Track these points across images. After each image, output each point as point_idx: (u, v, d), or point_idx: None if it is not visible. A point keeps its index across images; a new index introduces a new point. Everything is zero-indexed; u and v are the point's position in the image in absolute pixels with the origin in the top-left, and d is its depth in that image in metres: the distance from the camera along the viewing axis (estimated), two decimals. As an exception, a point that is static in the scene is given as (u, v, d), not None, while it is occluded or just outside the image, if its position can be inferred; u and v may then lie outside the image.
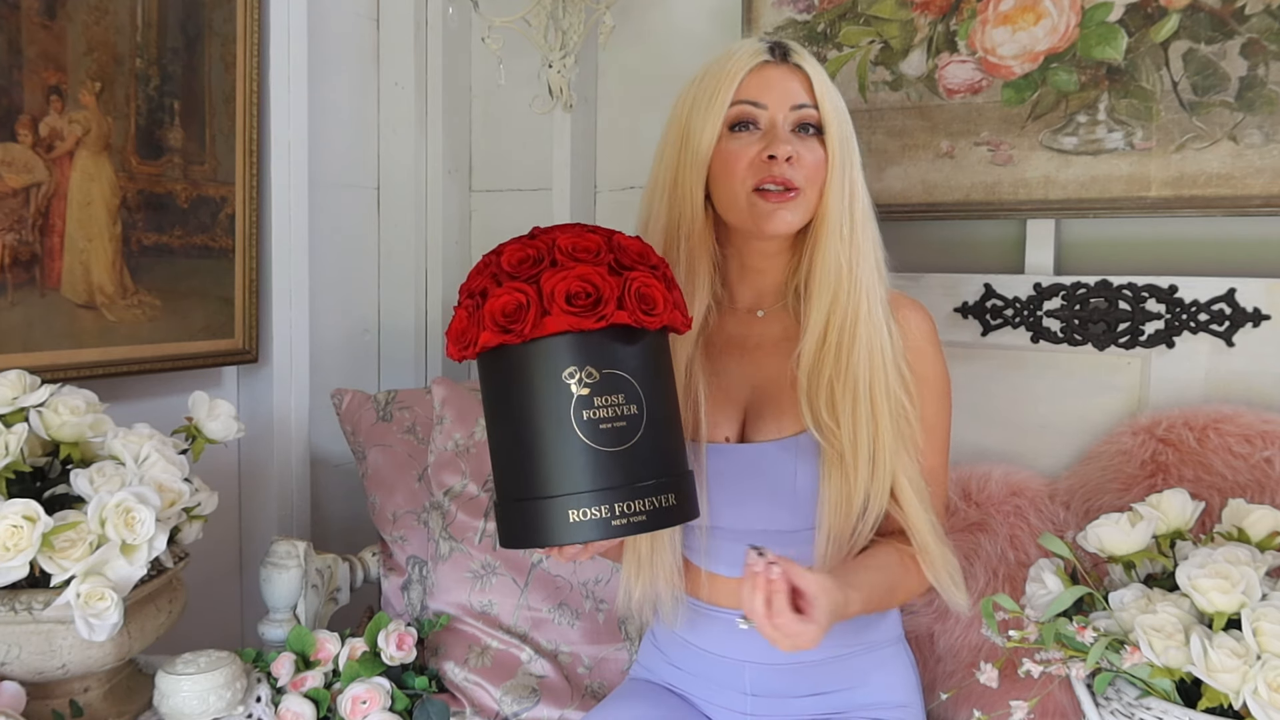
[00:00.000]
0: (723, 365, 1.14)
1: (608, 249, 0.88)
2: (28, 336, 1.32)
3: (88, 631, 1.02)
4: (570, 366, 0.84)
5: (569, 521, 0.84)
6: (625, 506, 0.84)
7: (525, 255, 0.87)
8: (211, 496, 1.26)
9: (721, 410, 1.12)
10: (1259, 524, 1.04)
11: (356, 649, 1.37)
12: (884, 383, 1.07)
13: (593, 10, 1.72)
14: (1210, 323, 1.38)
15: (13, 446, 1.07)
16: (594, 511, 0.84)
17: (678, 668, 1.20)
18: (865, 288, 1.07)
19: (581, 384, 0.84)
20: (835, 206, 1.07)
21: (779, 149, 1.05)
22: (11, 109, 1.28)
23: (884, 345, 1.08)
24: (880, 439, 1.06)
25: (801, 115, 1.07)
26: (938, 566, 1.08)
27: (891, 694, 1.15)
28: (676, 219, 1.11)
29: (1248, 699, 0.86)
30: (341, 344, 1.94)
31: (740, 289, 1.17)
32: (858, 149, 1.10)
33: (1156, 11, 1.39)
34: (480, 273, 0.90)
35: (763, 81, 1.07)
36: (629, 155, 1.91)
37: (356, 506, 1.86)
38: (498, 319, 0.84)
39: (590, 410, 0.84)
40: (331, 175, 1.87)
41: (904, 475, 1.08)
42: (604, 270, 0.85)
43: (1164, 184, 1.40)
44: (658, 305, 0.87)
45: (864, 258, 1.08)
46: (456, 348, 0.89)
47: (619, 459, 0.84)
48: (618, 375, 0.85)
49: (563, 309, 0.82)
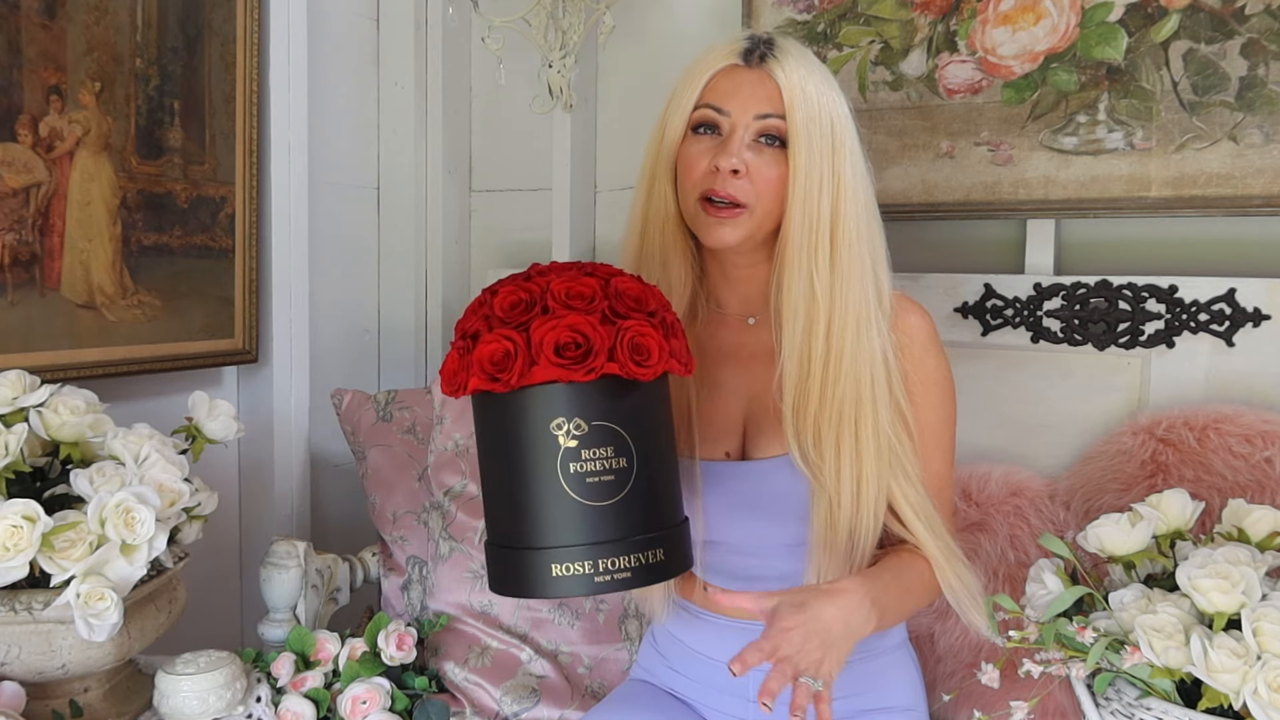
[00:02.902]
0: (719, 377, 1.12)
1: (603, 295, 0.84)
2: (27, 336, 1.32)
3: (88, 631, 1.02)
4: (559, 418, 0.81)
5: (551, 575, 0.81)
6: (610, 563, 0.81)
7: (518, 300, 0.84)
8: (211, 496, 1.26)
9: (720, 425, 1.10)
10: (1259, 524, 1.03)
11: (356, 649, 1.37)
12: (872, 419, 1.01)
13: (593, 10, 1.71)
14: (1210, 323, 1.38)
15: (13, 446, 1.07)
16: (577, 567, 0.81)
17: (678, 672, 1.19)
18: (855, 316, 1.01)
19: (569, 435, 0.81)
20: (800, 225, 1.00)
21: (724, 161, 0.99)
22: (11, 109, 1.28)
23: (876, 378, 1.02)
24: (864, 476, 1.02)
25: (764, 126, 1.00)
26: (953, 584, 1.05)
27: (897, 698, 1.15)
28: (653, 212, 1.10)
29: (1248, 699, 0.86)
30: (341, 344, 1.94)
31: (726, 295, 1.13)
32: (855, 159, 1.02)
33: (1157, 11, 1.39)
34: (474, 312, 0.87)
35: (731, 86, 1.02)
36: (629, 155, 1.91)
37: (356, 506, 1.86)
38: (485, 366, 0.82)
39: (577, 463, 0.81)
40: (331, 175, 1.87)
41: (904, 501, 1.04)
42: (596, 319, 0.82)
43: (1164, 184, 1.40)
44: (652, 355, 0.83)
45: (850, 283, 1.00)
46: (448, 387, 0.87)
47: (605, 514, 0.81)
48: (608, 428, 0.82)
49: (550, 360, 0.79)
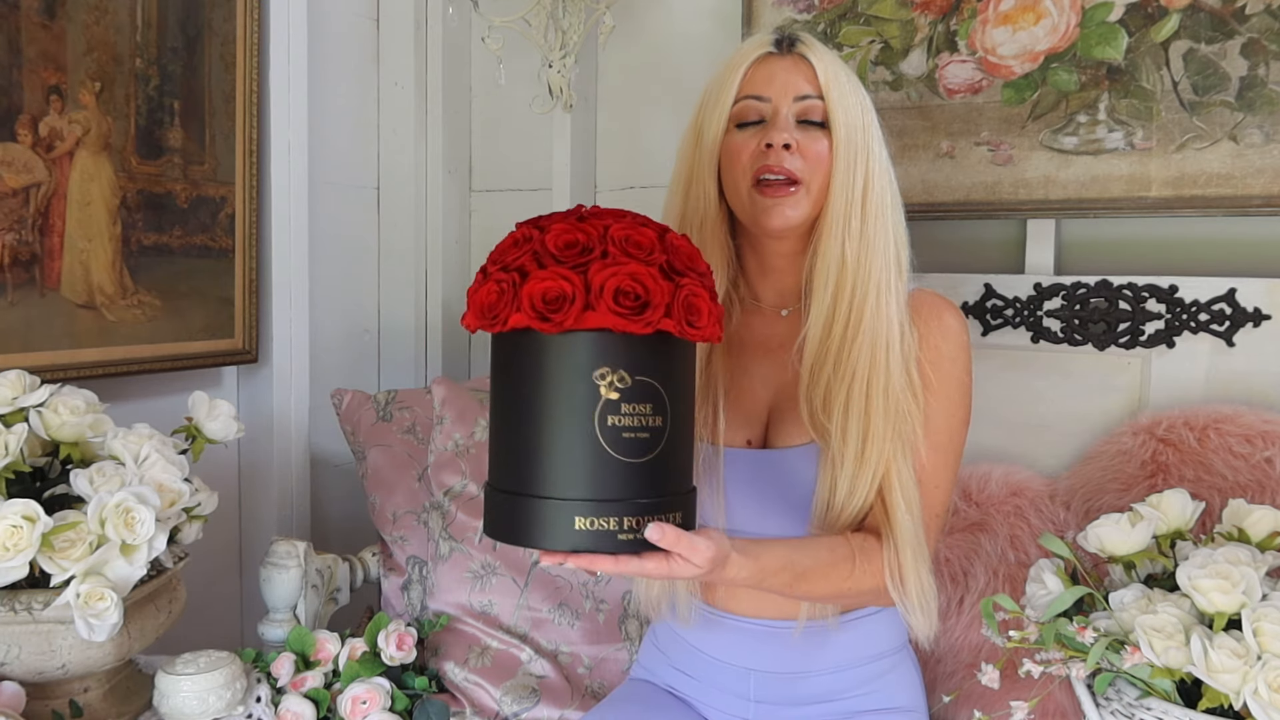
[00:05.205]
0: (747, 365, 1.13)
1: (660, 249, 0.82)
2: (27, 336, 1.31)
3: (87, 631, 1.02)
4: (604, 367, 0.79)
5: (574, 528, 0.79)
6: (635, 522, 0.79)
7: (574, 240, 0.81)
8: (211, 496, 1.26)
9: (743, 413, 1.11)
10: (1259, 524, 1.03)
11: (356, 649, 1.37)
12: (883, 380, 1.03)
13: (593, 10, 1.71)
14: (1210, 323, 1.38)
15: (13, 446, 1.07)
16: (602, 522, 0.78)
17: (680, 670, 1.20)
18: (876, 283, 1.04)
19: (612, 387, 0.79)
20: (839, 198, 1.04)
21: (775, 136, 1.04)
22: (11, 109, 1.28)
23: (891, 343, 1.04)
24: (871, 435, 1.02)
25: (805, 107, 1.05)
26: (908, 583, 1.02)
27: (897, 699, 1.15)
28: (690, 213, 1.11)
29: (1248, 699, 0.86)
30: (341, 344, 1.94)
31: (763, 288, 1.16)
32: (880, 139, 1.07)
33: (1157, 11, 1.39)
34: (518, 246, 0.83)
35: (766, 74, 1.07)
36: (629, 155, 1.91)
37: (356, 506, 1.86)
38: (536, 303, 0.78)
39: (616, 416, 0.79)
40: (331, 175, 1.87)
41: (896, 478, 1.04)
42: (655, 272, 0.80)
43: (1164, 184, 1.40)
44: (702, 317, 0.82)
45: (875, 252, 1.05)
46: (481, 320, 0.82)
47: (638, 471, 0.80)
48: (650, 384, 0.80)
49: (610, 306, 0.77)
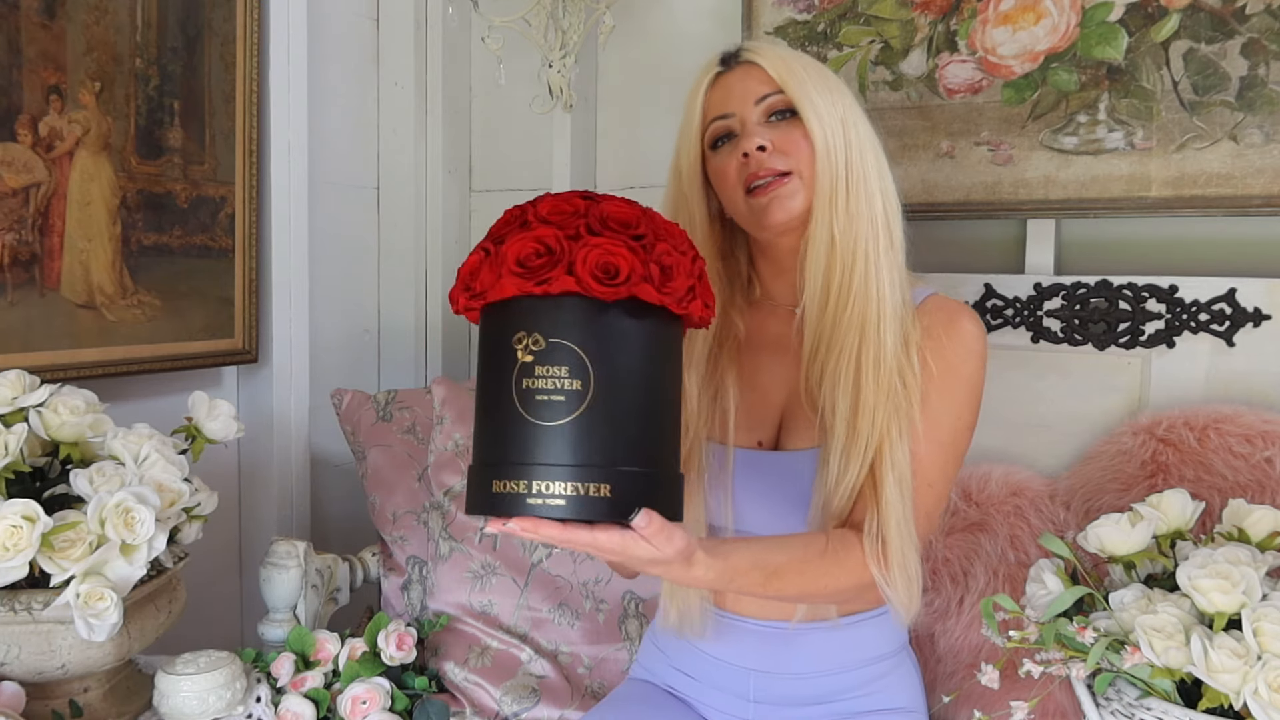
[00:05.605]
0: (762, 364, 1.13)
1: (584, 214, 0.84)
2: (27, 336, 1.31)
3: (87, 631, 1.02)
4: (519, 331, 0.82)
5: (491, 491, 0.80)
6: (544, 486, 0.79)
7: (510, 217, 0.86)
8: (211, 496, 1.26)
9: (756, 414, 1.12)
10: (1259, 524, 1.03)
11: (356, 649, 1.37)
12: (874, 350, 1.02)
13: (593, 10, 1.71)
14: (1211, 323, 1.38)
15: (12, 446, 1.07)
16: (513, 485, 0.79)
17: (680, 670, 1.20)
18: (864, 252, 1.04)
19: (527, 350, 0.81)
20: (825, 175, 1.05)
21: (747, 144, 1.05)
22: (11, 109, 1.28)
23: (883, 314, 1.03)
24: (862, 405, 1.01)
25: (768, 104, 1.06)
26: (893, 566, 0.99)
27: (896, 700, 1.15)
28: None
29: (1248, 699, 0.86)
30: (341, 344, 1.94)
31: (778, 287, 1.16)
32: (857, 109, 1.07)
33: (1157, 11, 1.39)
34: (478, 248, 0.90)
35: (723, 92, 1.09)
36: (629, 155, 1.91)
37: (356, 506, 1.86)
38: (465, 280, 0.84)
39: (530, 379, 0.81)
40: (331, 175, 1.87)
41: (889, 454, 1.02)
42: (564, 234, 0.82)
43: (1164, 184, 1.40)
44: (619, 275, 0.81)
45: (861, 220, 1.04)
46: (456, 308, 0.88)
47: (549, 434, 0.80)
48: (564, 346, 0.81)
49: (512, 270, 0.81)
